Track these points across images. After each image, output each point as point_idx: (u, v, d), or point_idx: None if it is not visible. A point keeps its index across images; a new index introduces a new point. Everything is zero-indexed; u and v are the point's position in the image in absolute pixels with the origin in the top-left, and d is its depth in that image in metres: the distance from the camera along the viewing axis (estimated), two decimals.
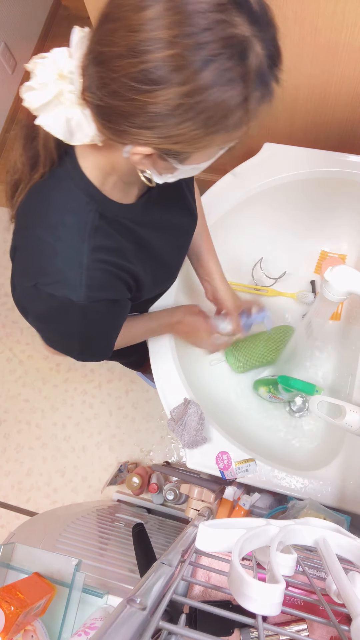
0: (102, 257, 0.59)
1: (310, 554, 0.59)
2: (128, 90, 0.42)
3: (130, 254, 0.65)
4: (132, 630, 0.27)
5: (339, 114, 1.01)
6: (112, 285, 0.63)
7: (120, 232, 0.62)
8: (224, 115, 0.44)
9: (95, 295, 0.60)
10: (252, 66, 0.43)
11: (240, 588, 0.29)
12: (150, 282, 0.73)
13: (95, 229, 0.58)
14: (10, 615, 0.66)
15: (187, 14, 0.39)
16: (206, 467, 0.89)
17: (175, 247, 0.79)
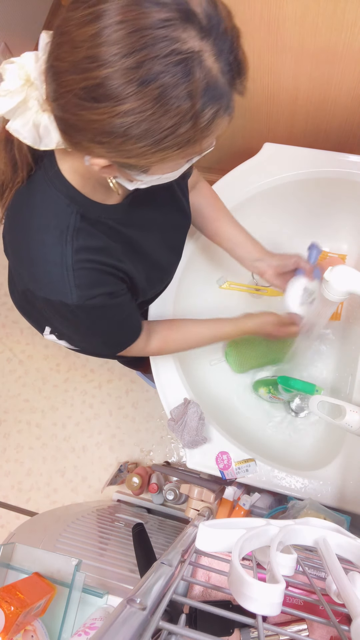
0: (87, 257, 0.60)
1: (310, 554, 0.59)
2: (74, 106, 0.42)
3: (118, 252, 0.65)
4: (132, 630, 0.27)
5: (339, 114, 1.01)
6: (103, 281, 0.63)
7: (104, 233, 0.62)
8: (171, 133, 0.43)
9: (88, 293, 0.60)
10: (200, 82, 0.41)
11: (240, 588, 0.29)
12: (143, 282, 0.74)
13: (77, 231, 0.58)
14: (10, 615, 0.66)
15: (130, 32, 0.38)
16: (206, 467, 0.89)
17: (166, 247, 0.78)
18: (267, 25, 0.83)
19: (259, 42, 0.87)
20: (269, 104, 1.03)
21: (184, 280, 1.03)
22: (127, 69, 0.39)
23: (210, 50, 0.40)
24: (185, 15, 0.38)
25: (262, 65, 0.93)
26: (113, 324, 0.71)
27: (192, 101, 0.41)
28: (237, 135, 1.17)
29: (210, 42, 0.40)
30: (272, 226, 1.10)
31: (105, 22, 0.38)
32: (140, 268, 0.71)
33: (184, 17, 0.38)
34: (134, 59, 0.38)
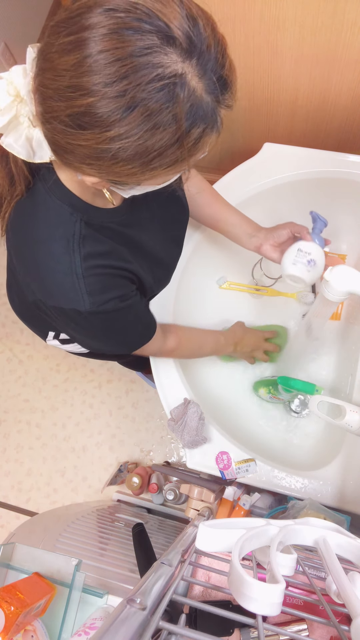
0: (96, 263, 0.60)
1: (310, 554, 0.59)
2: (60, 131, 0.43)
3: (125, 254, 0.66)
4: (132, 630, 0.27)
5: (339, 114, 1.01)
6: (113, 285, 0.64)
7: (109, 237, 0.63)
8: (159, 155, 0.43)
9: (100, 298, 0.61)
10: (184, 105, 0.41)
11: (240, 588, 0.29)
12: (150, 279, 0.75)
13: (83, 238, 0.59)
14: (10, 615, 0.66)
15: (111, 60, 0.38)
16: (206, 467, 0.89)
17: (168, 241, 0.79)
18: (267, 25, 0.83)
19: (259, 42, 0.87)
20: (269, 104, 1.03)
21: (184, 280, 1.03)
22: (111, 97, 0.39)
23: (194, 70, 0.40)
24: (166, 40, 0.38)
25: (262, 65, 0.93)
26: (128, 325, 0.72)
27: (177, 124, 0.41)
28: (237, 135, 1.17)
29: (193, 63, 0.40)
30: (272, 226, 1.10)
31: (87, 51, 0.38)
32: (146, 266, 0.72)
33: (164, 42, 0.38)
34: (117, 88, 0.39)
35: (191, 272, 1.05)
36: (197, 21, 0.40)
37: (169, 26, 0.38)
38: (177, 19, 0.39)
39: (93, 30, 0.38)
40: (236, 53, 0.91)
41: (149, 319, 0.78)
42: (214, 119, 0.44)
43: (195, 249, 1.04)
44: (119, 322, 0.69)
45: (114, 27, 0.38)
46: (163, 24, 0.38)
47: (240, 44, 0.89)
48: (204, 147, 0.46)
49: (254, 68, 0.94)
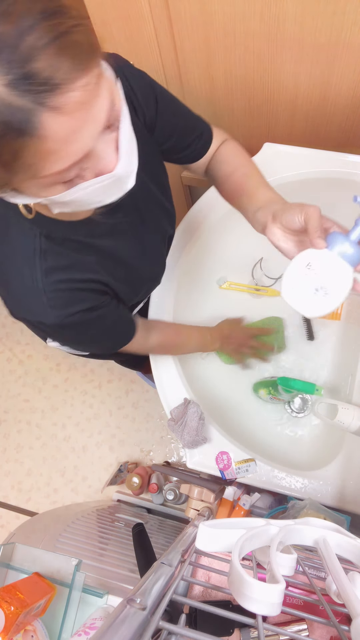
0: (58, 278, 0.59)
1: (310, 554, 0.59)
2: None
3: (92, 265, 0.64)
4: (132, 630, 0.27)
5: (339, 114, 1.01)
6: (78, 298, 0.62)
7: (74, 249, 0.61)
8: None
9: (64, 312, 0.60)
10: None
11: (240, 588, 0.29)
12: (125, 288, 0.73)
13: (44, 252, 0.58)
14: (10, 615, 0.66)
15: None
16: (206, 467, 0.89)
17: (148, 251, 0.76)
18: (267, 25, 0.83)
19: (259, 42, 0.87)
20: (268, 104, 1.03)
21: (184, 280, 1.02)
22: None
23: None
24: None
25: (262, 65, 0.93)
26: (100, 332, 0.71)
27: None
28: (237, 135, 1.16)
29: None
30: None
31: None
32: (120, 276, 0.70)
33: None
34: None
35: (191, 272, 1.05)
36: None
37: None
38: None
39: None
40: (236, 53, 0.91)
41: (126, 325, 0.77)
42: (23, 121, 0.36)
43: (196, 249, 1.04)
44: (90, 331, 0.69)
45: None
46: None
47: (240, 44, 0.89)
48: (25, 156, 0.38)
49: (254, 68, 0.94)
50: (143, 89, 0.66)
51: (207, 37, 0.90)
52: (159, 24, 0.90)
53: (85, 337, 0.70)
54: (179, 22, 0.88)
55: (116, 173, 0.45)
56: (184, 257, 1.02)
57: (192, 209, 1.04)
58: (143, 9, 0.86)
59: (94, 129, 0.40)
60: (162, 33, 0.91)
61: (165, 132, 0.71)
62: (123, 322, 0.77)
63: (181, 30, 0.90)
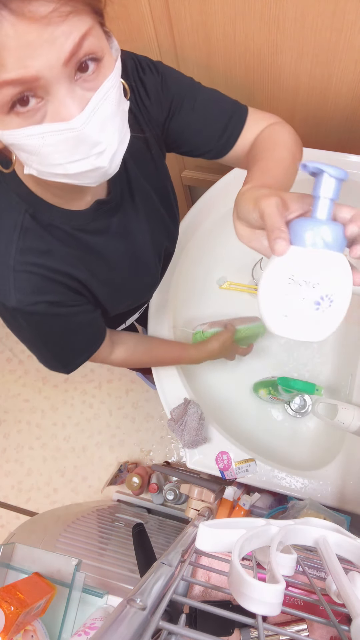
0: (32, 260, 0.56)
1: (310, 554, 0.59)
2: None
3: (73, 258, 0.61)
4: (132, 630, 0.27)
5: (339, 114, 1.01)
6: (46, 289, 0.59)
7: (58, 238, 0.59)
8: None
9: (28, 298, 0.57)
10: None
11: (240, 588, 0.29)
12: (106, 293, 0.69)
13: (24, 230, 0.56)
14: (10, 615, 0.66)
15: None
16: (206, 467, 0.89)
17: (139, 257, 0.73)
18: (267, 25, 0.83)
19: (259, 42, 0.87)
20: (268, 104, 1.03)
21: (184, 280, 1.03)
22: None
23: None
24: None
25: (262, 65, 0.93)
26: (59, 335, 0.66)
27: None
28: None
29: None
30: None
31: None
32: (103, 277, 0.67)
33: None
34: None
35: (191, 272, 1.05)
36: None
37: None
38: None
39: None
40: (236, 53, 0.91)
41: (93, 334, 0.72)
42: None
43: (196, 249, 1.04)
44: (50, 329, 0.64)
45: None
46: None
47: (240, 44, 0.89)
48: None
49: (254, 68, 0.94)
50: (154, 84, 0.63)
51: (207, 37, 0.90)
52: (159, 24, 0.90)
53: (42, 334, 0.64)
54: (179, 22, 0.88)
55: (73, 126, 0.40)
56: (184, 257, 1.02)
57: (192, 209, 1.04)
58: (143, 9, 0.86)
59: (52, 53, 0.37)
60: (162, 33, 0.91)
61: (179, 132, 0.67)
62: (91, 330, 0.71)
63: (181, 30, 0.90)
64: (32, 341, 0.67)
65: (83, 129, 0.41)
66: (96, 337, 0.73)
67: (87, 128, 0.41)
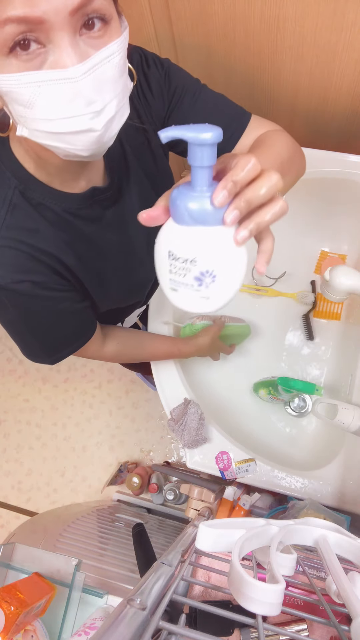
0: (18, 237, 0.55)
1: (310, 554, 0.59)
2: None
3: (61, 242, 0.60)
4: (132, 630, 0.27)
5: (339, 114, 1.01)
6: (30, 268, 0.57)
7: (47, 218, 0.58)
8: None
9: (12, 276, 0.56)
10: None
11: (240, 588, 0.29)
12: (94, 283, 0.68)
13: (13, 206, 0.55)
14: (10, 615, 0.66)
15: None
16: (206, 467, 0.89)
17: (137, 254, 0.72)
18: (267, 25, 0.83)
19: (259, 42, 0.87)
20: (268, 104, 1.03)
21: None
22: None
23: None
24: None
25: (262, 65, 0.93)
26: (44, 321, 0.64)
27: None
28: None
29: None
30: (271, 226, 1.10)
31: None
32: (92, 265, 0.65)
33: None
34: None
35: None
36: None
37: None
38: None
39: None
40: (236, 53, 0.91)
41: (82, 324, 0.70)
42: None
43: None
44: (38, 312, 0.62)
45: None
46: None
47: (240, 44, 0.89)
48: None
49: (254, 68, 0.94)
50: (158, 80, 0.63)
51: (207, 38, 0.90)
52: (159, 24, 0.90)
53: (26, 316, 0.62)
54: (179, 22, 0.88)
55: (70, 75, 0.39)
56: None
57: None
58: (143, 9, 0.86)
59: None
60: (162, 33, 0.91)
61: None
62: (79, 320, 0.69)
63: (181, 30, 0.90)
64: (15, 325, 0.64)
65: (80, 80, 0.40)
66: (84, 329, 0.71)
67: (85, 82, 0.40)
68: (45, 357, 0.70)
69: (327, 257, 1.11)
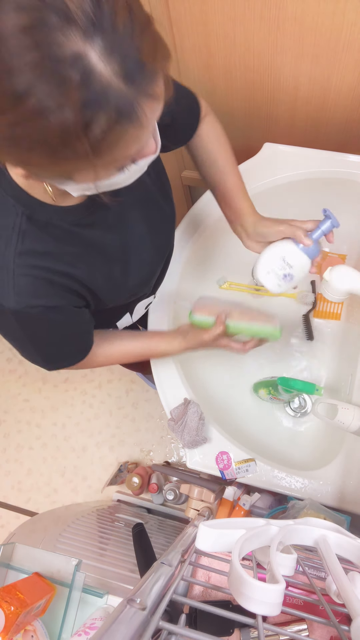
0: (31, 262, 0.57)
1: (310, 554, 0.59)
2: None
3: (71, 257, 0.62)
4: (132, 630, 0.27)
5: (339, 114, 1.01)
6: (45, 292, 0.60)
7: (56, 237, 0.59)
8: (62, 145, 0.39)
9: (26, 301, 0.58)
10: (83, 91, 0.36)
11: (240, 588, 0.29)
12: (107, 288, 0.69)
13: (22, 233, 0.56)
14: (10, 615, 0.66)
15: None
16: (206, 467, 0.89)
17: (143, 247, 0.74)
18: (267, 25, 0.83)
19: (259, 42, 0.87)
20: (268, 104, 1.03)
21: (183, 280, 1.03)
22: None
23: (98, 52, 0.36)
24: (65, 18, 0.35)
25: (262, 65, 0.93)
26: (53, 339, 0.68)
27: (73, 112, 0.36)
28: (237, 135, 1.17)
29: (96, 44, 0.36)
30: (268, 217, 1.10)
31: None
32: (103, 271, 0.67)
33: (64, 21, 0.35)
34: (1, 67, 0.35)
35: (191, 272, 1.05)
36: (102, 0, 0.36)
37: (68, 4, 0.34)
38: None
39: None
40: (236, 53, 0.91)
41: (82, 344, 0.72)
42: (128, 109, 0.39)
43: (195, 249, 1.04)
44: (43, 334, 0.65)
45: None
46: (61, 2, 0.34)
47: (240, 44, 0.89)
48: (121, 140, 0.41)
49: (254, 68, 0.94)
50: None
51: (207, 38, 0.90)
52: (159, 24, 0.89)
53: (31, 335, 0.65)
54: (179, 22, 0.88)
55: (156, 154, 0.48)
56: (184, 257, 1.02)
57: (192, 209, 1.04)
58: None
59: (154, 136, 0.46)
60: (162, 33, 0.91)
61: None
62: (81, 338, 0.72)
63: (181, 30, 0.90)
64: (19, 340, 0.67)
65: (157, 152, 0.49)
66: (88, 344, 0.74)
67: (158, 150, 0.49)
68: (44, 364, 0.73)
69: (327, 257, 1.11)
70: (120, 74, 0.37)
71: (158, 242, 0.78)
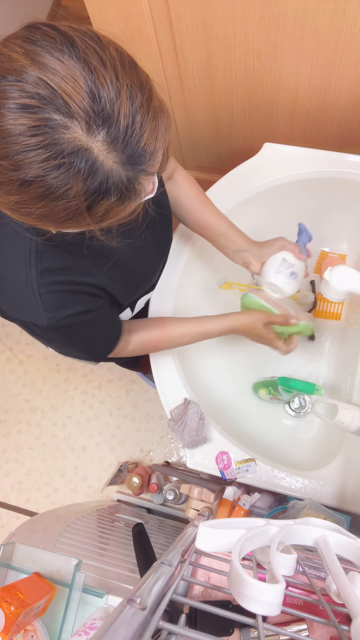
0: (53, 279, 0.60)
1: (310, 554, 0.59)
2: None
3: (88, 267, 0.65)
4: (132, 630, 0.27)
5: (339, 114, 1.01)
6: (72, 302, 0.64)
7: (70, 251, 0.62)
8: (67, 219, 0.43)
9: (57, 314, 0.61)
10: (87, 181, 0.40)
11: (240, 588, 0.29)
12: (121, 289, 0.74)
13: (40, 254, 0.58)
14: (10, 615, 0.66)
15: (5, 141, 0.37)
16: (206, 467, 0.89)
17: (146, 248, 0.77)
18: (267, 25, 0.83)
19: (259, 42, 0.87)
20: (268, 104, 1.03)
21: (184, 280, 1.03)
22: (5, 169, 0.39)
23: (101, 144, 0.39)
24: (68, 115, 0.37)
25: (262, 65, 0.93)
26: (89, 337, 0.72)
27: (77, 199, 0.40)
28: (237, 135, 1.17)
29: (99, 137, 0.39)
30: (271, 226, 1.10)
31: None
32: (116, 276, 0.71)
33: (58, 118, 0.37)
34: (9, 162, 0.38)
35: (191, 272, 1.05)
36: (102, 94, 0.38)
37: (69, 103, 0.37)
38: (78, 94, 0.37)
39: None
40: (236, 53, 0.91)
41: (114, 330, 0.77)
42: (129, 190, 0.43)
43: (195, 249, 1.04)
44: (79, 336, 0.70)
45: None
46: (62, 102, 0.37)
47: (240, 44, 0.89)
48: (120, 212, 0.46)
49: (254, 68, 0.94)
50: None
51: (207, 37, 0.90)
52: (159, 24, 0.90)
53: (74, 340, 0.71)
54: (179, 22, 0.88)
55: (153, 193, 0.50)
56: (184, 257, 1.02)
57: None
58: (143, 9, 0.86)
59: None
60: (162, 33, 0.91)
61: None
62: (111, 326, 0.77)
63: (181, 30, 0.90)
64: (63, 348, 0.74)
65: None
66: (119, 329, 0.78)
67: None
68: (92, 359, 0.82)
69: (327, 257, 1.11)
70: (122, 162, 0.41)
71: (159, 238, 0.82)
